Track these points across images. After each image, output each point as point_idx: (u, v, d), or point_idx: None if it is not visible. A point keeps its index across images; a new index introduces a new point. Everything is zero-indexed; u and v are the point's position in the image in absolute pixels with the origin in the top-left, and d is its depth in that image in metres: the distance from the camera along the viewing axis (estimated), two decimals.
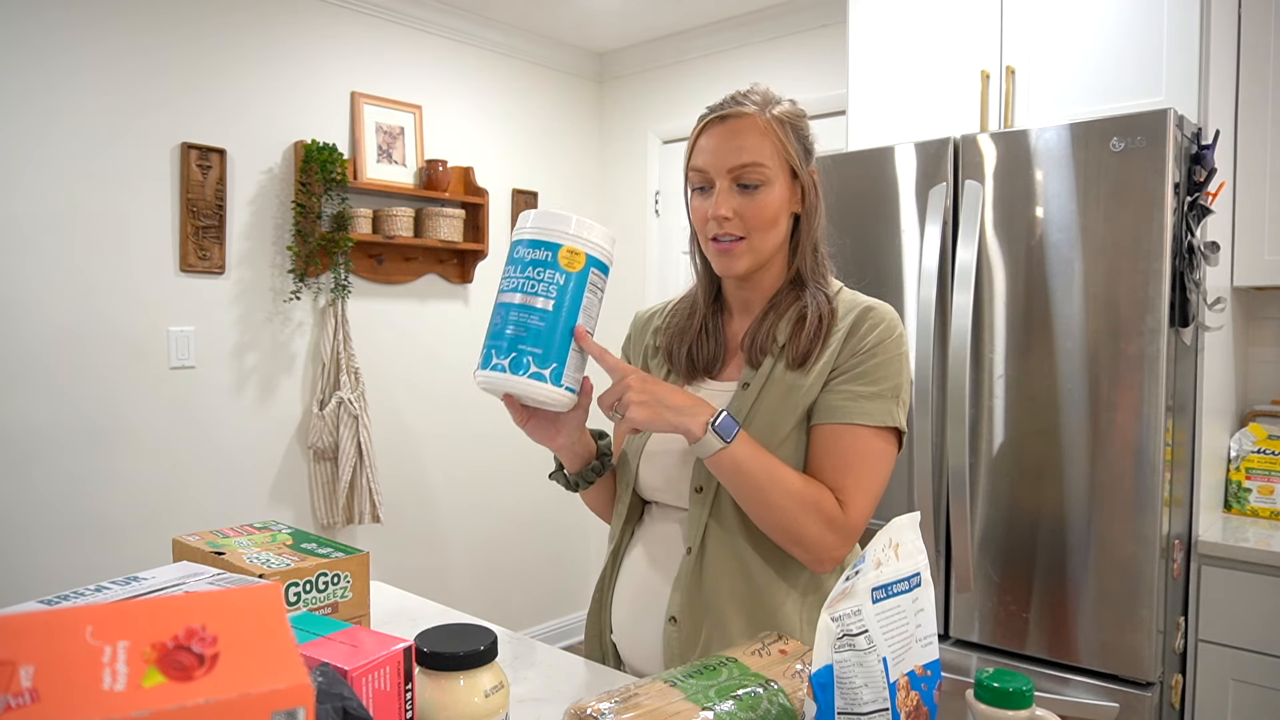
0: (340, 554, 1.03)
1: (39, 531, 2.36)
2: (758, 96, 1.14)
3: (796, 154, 1.13)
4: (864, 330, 1.11)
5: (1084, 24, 2.11)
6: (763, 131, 1.11)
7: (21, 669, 0.42)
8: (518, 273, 0.99)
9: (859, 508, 1.06)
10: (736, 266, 1.14)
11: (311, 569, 0.99)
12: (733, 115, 1.12)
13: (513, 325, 0.97)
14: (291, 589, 0.97)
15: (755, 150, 1.10)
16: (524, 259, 0.99)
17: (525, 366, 0.97)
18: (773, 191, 1.11)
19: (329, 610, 1.00)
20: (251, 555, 1.01)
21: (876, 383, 1.08)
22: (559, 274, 0.98)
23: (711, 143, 1.12)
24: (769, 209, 1.11)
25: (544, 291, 0.98)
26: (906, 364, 1.12)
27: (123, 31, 2.48)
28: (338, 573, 1.01)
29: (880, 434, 1.08)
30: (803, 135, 1.15)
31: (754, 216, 1.11)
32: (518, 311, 0.98)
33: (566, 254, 0.98)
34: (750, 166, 1.10)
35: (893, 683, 0.70)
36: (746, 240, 1.12)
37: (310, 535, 1.11)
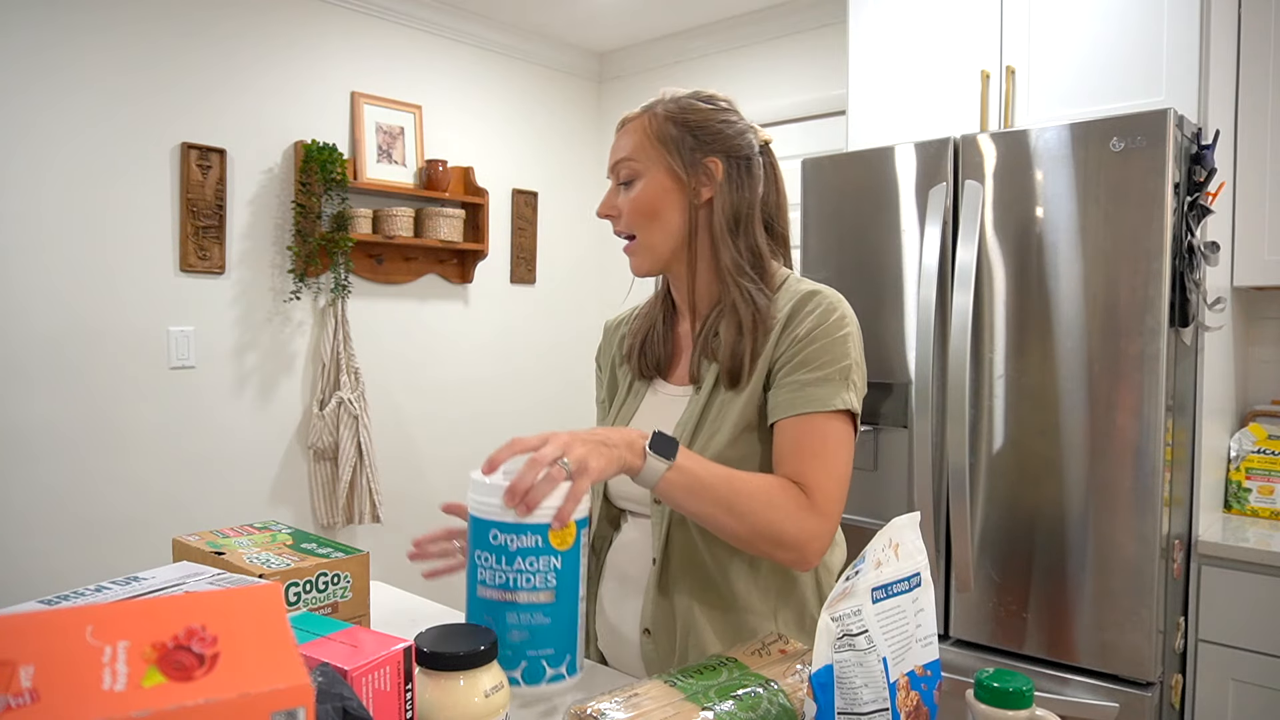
0: (340, 554, 1.03)
1: (39, 531, 2.36)
2: (654, 99, 1.16)
3: (675, 146, 1.11)
4: (800, 318, 1.07)
5: (1084, 24, 2.11)
6: (637, 129, 1.13)
7: (21, 669, 0.42)
8: (502, 565, 0.84)
9: (825, 492, 1.02)
10: (638, 266, 1.16)
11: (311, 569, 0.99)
12: (623, 122, 1.17)
13: (515, 630, 0.84)
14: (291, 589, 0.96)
15: (625, 148, 1.13)
16: (507, 548, 0.84)
17: (541, 673, 0.85)
18: (643, 185, 1.12)
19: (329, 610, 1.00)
20: (251, 555, 1.01)
21: (820, 368, 1.05)
22: (554, 558, 0.84)
23: (611, 147, 1.18)
24: (639, 202, 1.12)
25: (542, 584, 0.84)
26: (851, 344, 1.07)
27: (123, 32, 2.48)
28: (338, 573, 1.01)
29: (831, 418, 1.04)
30: (694, 126, 1.12)
31: (628, 211, 1.13)
32: (517, 613, 0.84)
33: (557, 532, 0.85)
34: (620, 163, 1.14)
35: (893, 683, 0.70)
36: (636, 239, 1.14)
37: (310, 535, 1.11)
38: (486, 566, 0.84)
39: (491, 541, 0.84)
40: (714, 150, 1.12)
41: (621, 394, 1.24)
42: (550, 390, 3.70)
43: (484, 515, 0.85)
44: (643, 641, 1.12)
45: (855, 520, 2.16)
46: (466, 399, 3.38)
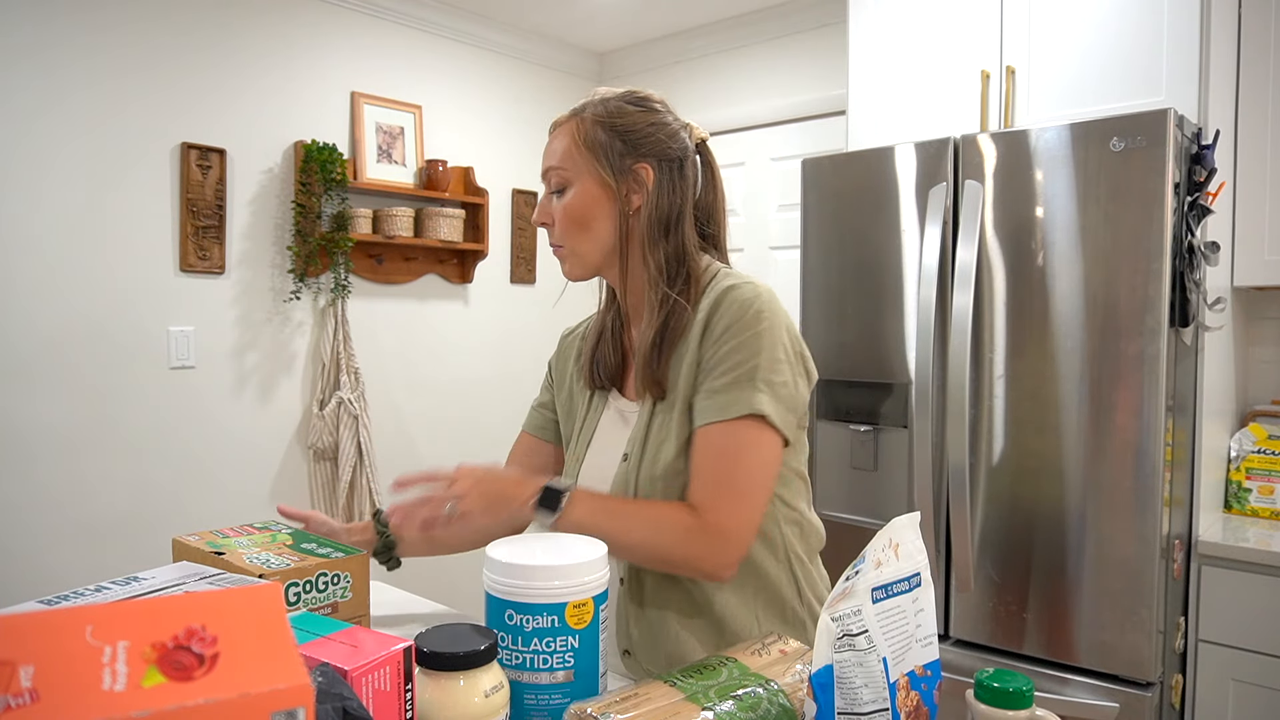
0: (340, 554, 1.03)
1: (39, 531, 2.36)
2: (585, 101, 1.13)
3: (604, 153, 1.08)
4: (716, 319, 1.04)
5: (1084, 24, 2.11)
6: (565, 134, 1.11)
7: (21, 669, 0.42)
8: (519, 645, 0.82)
9: (718, 511, 1.00)
10: (568, 272, 1.15)
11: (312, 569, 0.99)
12: (556, 124, 1.14)
13: (534, 713, 0.82)
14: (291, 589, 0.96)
15: (555, 154, 1.11)
16: (522, 628, 0.81)
17: None
18: (574, 194, 1.10)
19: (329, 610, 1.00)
20: (251, 555, 1.01)
21: (728, 371, 1.02)
22: (571, 638, 0.82)
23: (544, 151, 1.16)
24: (571, 211, 1.10)
25: (560, 664, 0.82)
26: (769, 338, 1.02)
27: (123, 32, 2.48)
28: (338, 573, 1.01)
29: (742, 425, 1.01)
30: (623, 130, 1.09)
31: (560, 221, 1.11)
32: (535, 694, 0.82)
33: (574, 611, 0.82)
34: (550, 171, 1.12)
35: (893, 683, 0.70)
36: (565, 247, 1.12)
37: (310, 535, 1.11)
38: (503, 646, 0.82)
39: (507, 621, 0.82)
40: (644, 155, 1.09)
41: (581, 410, 1.22)
42: None
43: (499, 594, 0.83)
44: (625, 662, 1.11)
45: (855, 520, 2.16)
46: (466, 399, 3.38)
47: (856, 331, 2.17)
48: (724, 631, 1.08)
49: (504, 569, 0.83)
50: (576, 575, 0.82)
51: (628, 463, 1.10)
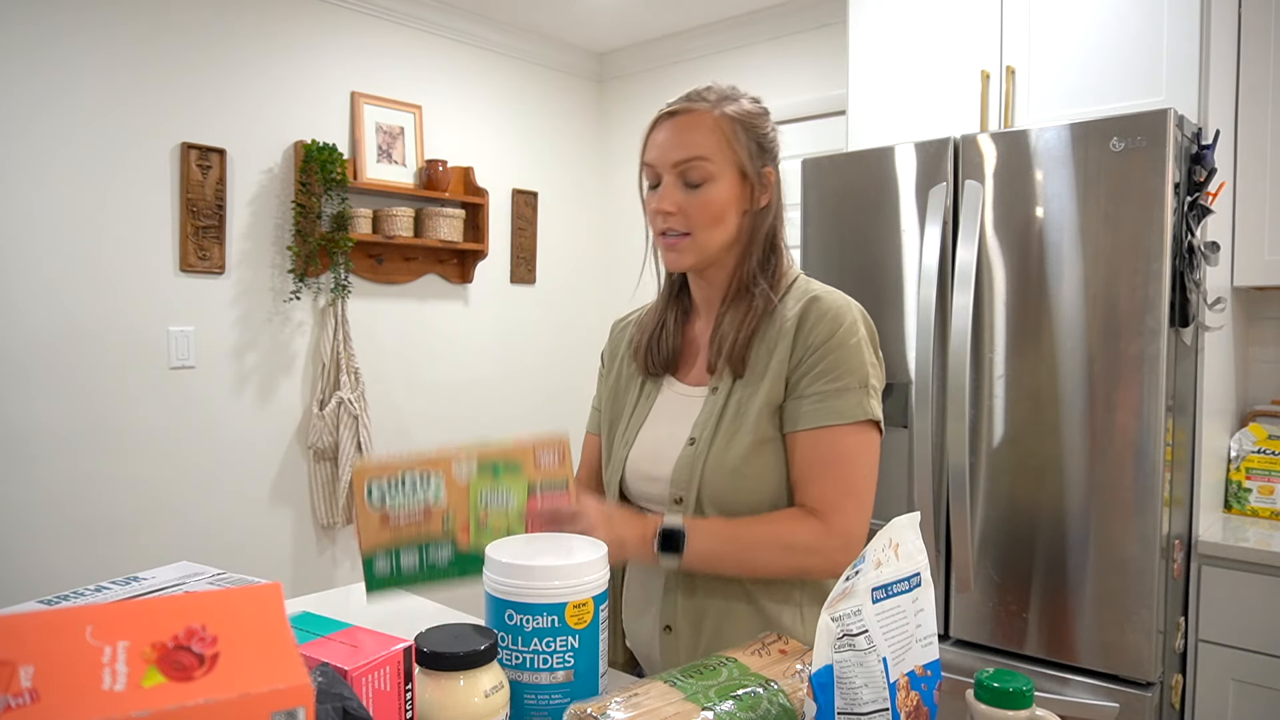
0: None
1: (39, 531, 2.36)
2: (713, 94, 1.13)
3: (747, 152, 1.11)
4: (811, 323, 1.08)
5: (1084, 24, 2.11)
6: (710, 128, 1.10)
7: (21, 669, 0.42)
8: (519, 645, 0.82)
9: (845, 514, 1.05)
10: (681, 262, 1.13)
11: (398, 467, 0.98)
12: (682, 111, 1.12)
13: (534, 713, 0.83)
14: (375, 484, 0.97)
15: (699, 146, 1.10)
16: (523, 629, 0.82)
17: None
18: (717, 188, 1.10)
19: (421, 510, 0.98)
20: None
21: (840, 377, 1.06)
22: (571, 638, 0.82)
23: (660, 137, 1.13)
24: (712, 205, 1.10)
25: (560, 664, 0.82)
26: (867, 349, 1.09)
27: (123, 32, 2.48)
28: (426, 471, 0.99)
29: (856, 429, 1.06)
30: (758, 134, 1.13)
31: (697, 212, 1.10)
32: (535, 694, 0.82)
33: (574, 611, 0.82)
34: (693, 161, 1.10)
35: (893, 683, 0.70)
36: (691, 236, 1.11)
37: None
38: (503, 646, 0.82)
39: (507, 621, 0.82)
40: (770, 160, 1.14)
41: (633, 396, 1.24)
42: (550, 390, 3.70)
43: (500, 594, 0.83)
44: (663, 638, 1.13)
45: None
46: (466, 399, 3.38)
47: None
48: (769, 622, 1.10)
49: (504, 569, 0.83)
50: (576, 575, 0.82)
51: (694, 447, 1.11)
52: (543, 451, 1.00)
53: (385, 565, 0.97)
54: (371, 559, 0.97)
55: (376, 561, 0.97)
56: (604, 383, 1.32)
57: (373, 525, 0.97)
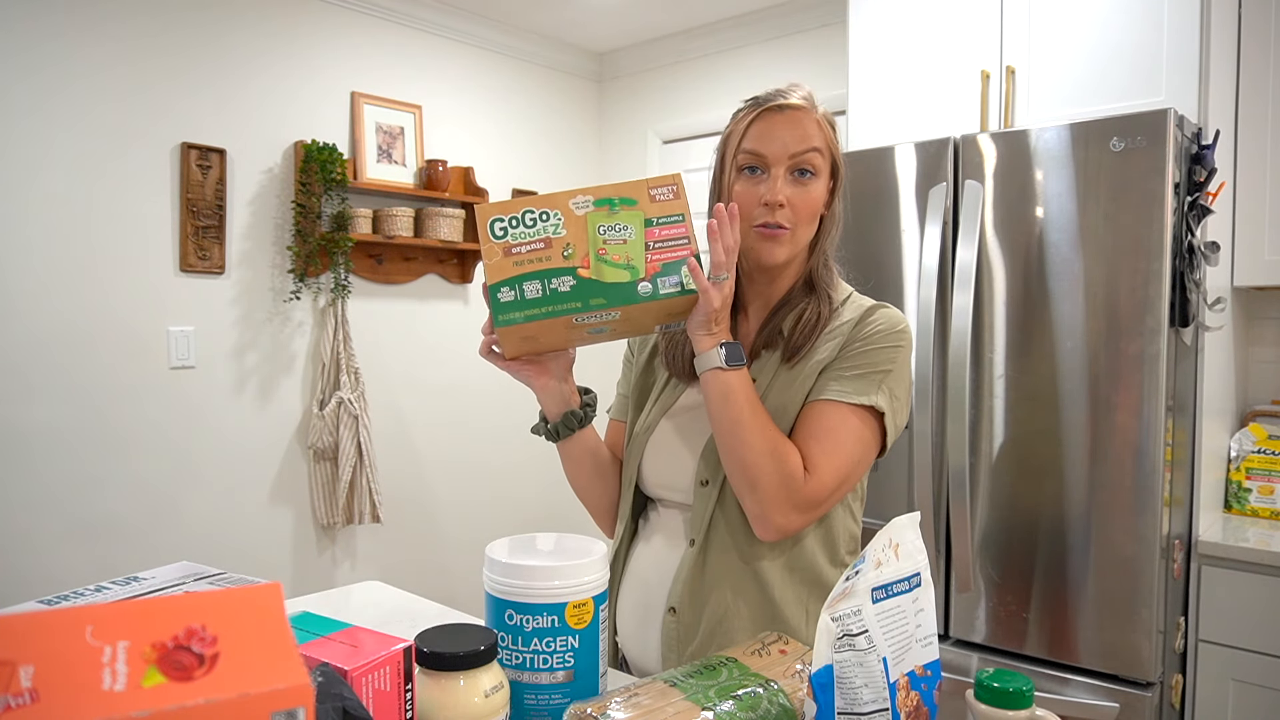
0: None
1: (39, 531, 2.36)
2: (808, 93, 1.17)
3: (835, 157, 1.16)
4: (864, 326, 1.12)
5: (1084, 24, 2.11)
6: (817, 126, 1.14)
7: (21, 669, 0.42)
8: (519, 645, 0.82)
9: (820, 476, 1.06)
10: (778, 254, 1.13)
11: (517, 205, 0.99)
12: (791, 106, 1.14)
13: (534, 713, 0.83)
14: (497, 224, 0.98)
15: (812, 140, 1.12)
16: (523, 628, 0.82)
17: None
18: (819, 185, 1.13)
19: (542, 244, 0.98)
20: None
21: (862, 367, 1.09)
22: (571, 638, 0.82)
23: (772, 129, 1.13)
24: (815, 201, 1.13)
25: (559, 664, 0.82)
26: (902, 357, 1.11)
27: (123, 32, 2.48)
28: (545, 210, 0.99)
29: (854, 410, 1.08)
30: (833, 142, 1.17)
31: (803, 207, 1.12)
32: (535, 694, 0.82)
33: (574, 611, 0.82)
34: (811, 153, 1.12)
35: (893, 683, 0.70)
36: (790, 231, 1.12)
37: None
38: (503, 646, 0.82)
39: (507, 621, 0.82)
40: (840, 167, 1.18)
41: (659, 385, 1.25)
42: None
43: (499, 594, 0.83)
44: (665, 620, 1.13)
45: None
46: (467, 399, 3.38)
47: None
48: (775, 618, 1.11)
49: (504, 569, 0.83)
50: (576, 575, 0.82)
51: None
52: (656, 187, 1.01)
53: (511, 293, 0.97)
54: (497, 287, 0.97)
55: (501, 290, 0.97)
56: (630, 372, 1.33)
57: (496, 256, 0.98)
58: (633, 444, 1.23)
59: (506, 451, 3.50)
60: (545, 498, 3.61)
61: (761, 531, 1.08)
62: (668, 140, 3.69)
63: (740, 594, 1.11)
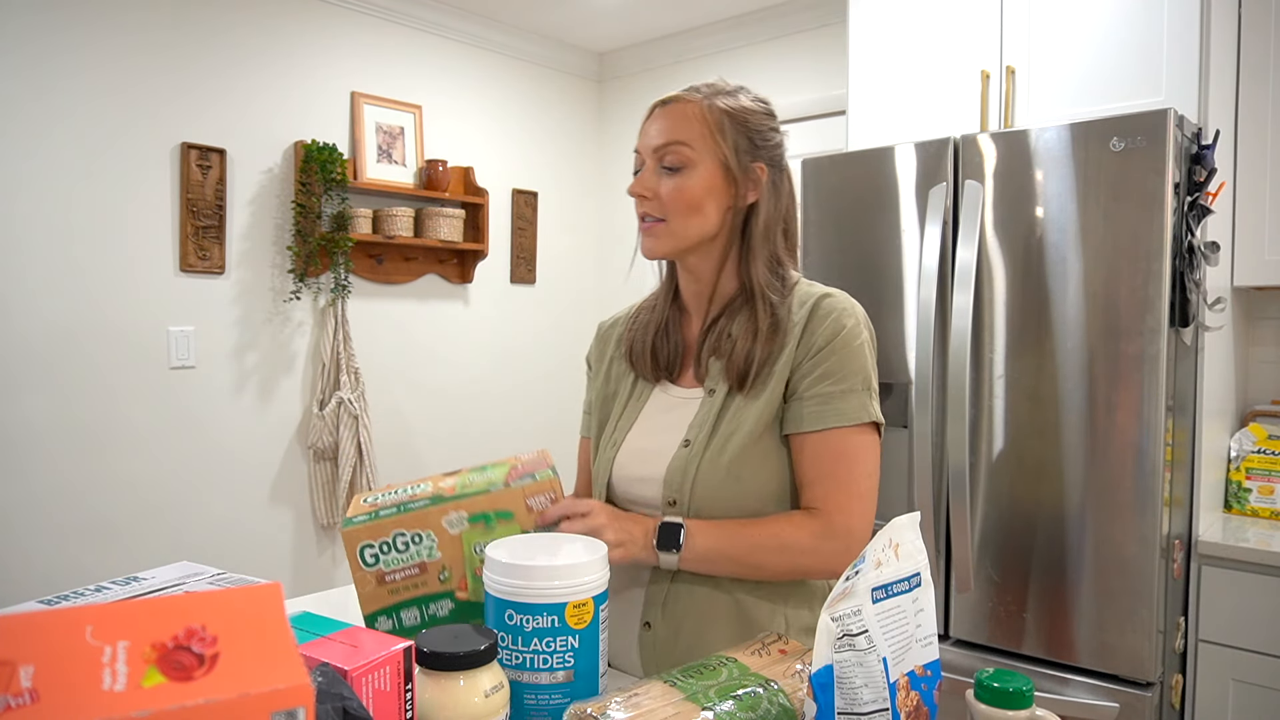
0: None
1: (39, 531, 2.36)
2: (707, 87, 1.13)
3: (733, 145, 1.10)
4: (815, 324, 1.08)
5: (1084, 24, 2.11)
6: (695, 117, 1.09)
7: (21, 669, 0.42)
8: (519, 645, 0.82)
9: (847, 513, 1.05)
10: (655, 248, 1.12)
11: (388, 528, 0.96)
12: (672, 100, 1.12)
13: (534, 713, 0.83)
14: (367, 550, 0.95)
15: (681, 132, 1.09)
16: (522, 628, 0.81)
17: None
18: (694, 176, 1.09)
19: (416, 571, 0.96)
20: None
21: (843, 379, 1.06)
22: (571, 638, 0.82)
23: (648, 125, 1.13)
24: (687, 192, 1.09)
25: (559, 664, 0.82)
26: (868, 351, 1.09)
27: (122, 32, 2.48)
28: (417, 532, 0.96)
29: (859, 431, 1.07)
30: (750, 129, 1.11)
31: (671, 198, 1.09)
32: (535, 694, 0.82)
33: (574, 611, 0.82)
34: (671, 146, 1.09)
35: (893, 683, 0.70)
36: (666, 223, 1.10)
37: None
38: (503, 646, 0.82)
39: (507, 621, 0.82)
40: (762, 156, 1.12)
41: (623, 396, 1.22)
42: (550, 390, 3.70)
43: (499, 594, 0.83)
44: (641, 634, 1.12)
45: None
46: (466, 399, 3.38)
47: None
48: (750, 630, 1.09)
49: (504, 569, 0.83)
50: (577, 575, 0.82)
51: (689, 449, 1.10)
52: (534, 495, 0.98)
53: (389, 622, 0.96)
54: (373, 618, 0.96)
55: (378, 620, 0.96)
56: (593, 385, 1.31)
57: (369, 585, 0.95)
58: (599, 461, 1.20)
59: (506, 451, 3.49)
60: None
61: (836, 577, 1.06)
62: None
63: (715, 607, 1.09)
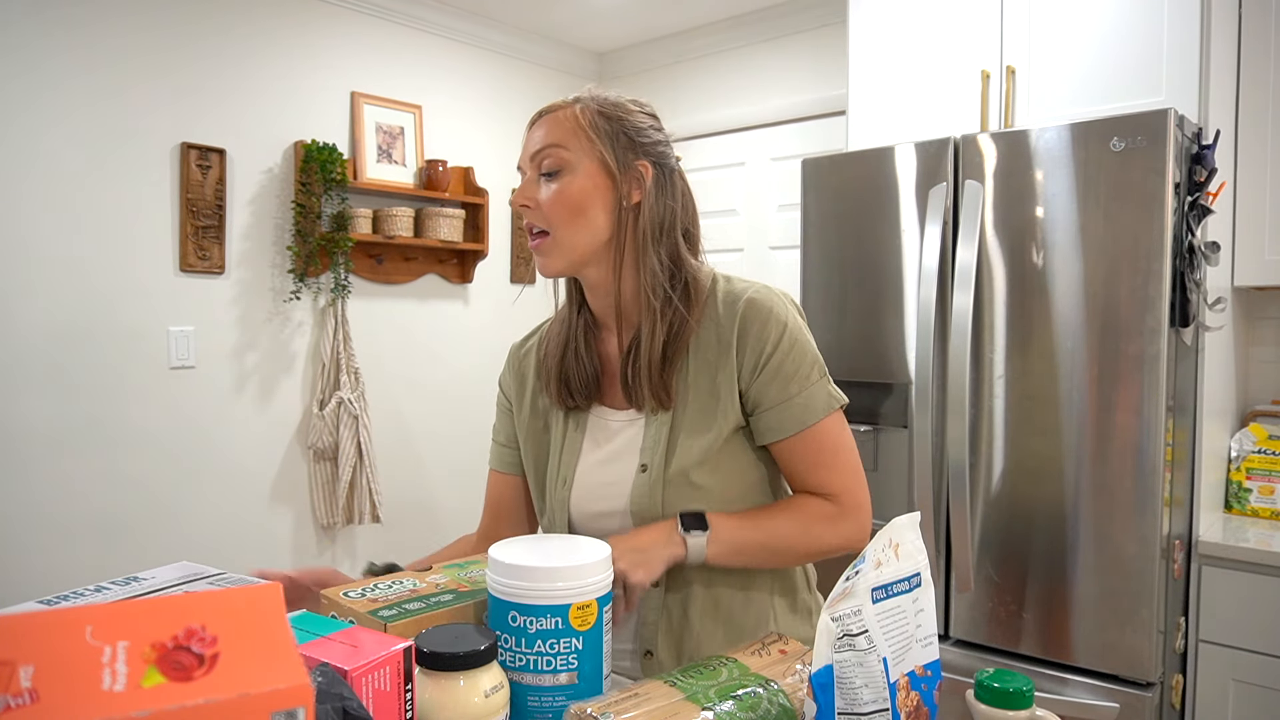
0: None
1: (38, 531, 2.36)
2: (585, 93, 1.10)
3: (610, 142, 1.05)
4: (755, 330, 1.04)
5: (1084, 24, 2.11)
6: (567, 118, 1.07)
7: (21, 669, 0.42)
8: (522, 647, 0.81)
9: (851, 492, 1.07)
10: (549, 265, 1.07)
11: None
12: (546, 110, 1.10)
13: (537, 715, 0.82)
14: None
15: (555, 136, 1.06)
16: (526, 630, 0.81)
17: None
18: (573, 178, 1.05)
19: None
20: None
21: (801, 377, 1.05)
22: (575, 640, 0.81)
23: (528, 136, 1.12)
24: (567, 196, 1.04)
25: (563, 666, 0.81)
26: (808, 334, 1.09)
27: (122, 31, 2.48)
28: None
29: (826, 424, 1.06)
30: (626, 125, 1.07)
31: (552, 203, 1.05)
32: (538, 696, 0.81)
33: (578, 613, 0.82)
34: (547, 150, 1.06)
35: (893, 683, 0.70)
36: (551, 236, 1.06)
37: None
38: (506, 648, 0.81)
39: (510, 623, 0.81)
40: (644, 154, 1.08)
41: (558, 428, 1.15)
42: None
43: (502, 596, 0.82)
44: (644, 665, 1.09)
45: None
46: (466, 399, 3.38)
47: (856, 331, 2.17)
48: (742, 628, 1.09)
49: (508, 570, 0.82)
50: (580, 577, 0.82)
51: (648, 473, 1.06)
52: None
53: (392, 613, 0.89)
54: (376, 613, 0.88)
55: None
56: (512, 416, 1.23)
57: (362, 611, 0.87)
58: (551, 500, 1.13)
59: None
60: None
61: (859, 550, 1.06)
62: None
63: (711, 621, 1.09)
